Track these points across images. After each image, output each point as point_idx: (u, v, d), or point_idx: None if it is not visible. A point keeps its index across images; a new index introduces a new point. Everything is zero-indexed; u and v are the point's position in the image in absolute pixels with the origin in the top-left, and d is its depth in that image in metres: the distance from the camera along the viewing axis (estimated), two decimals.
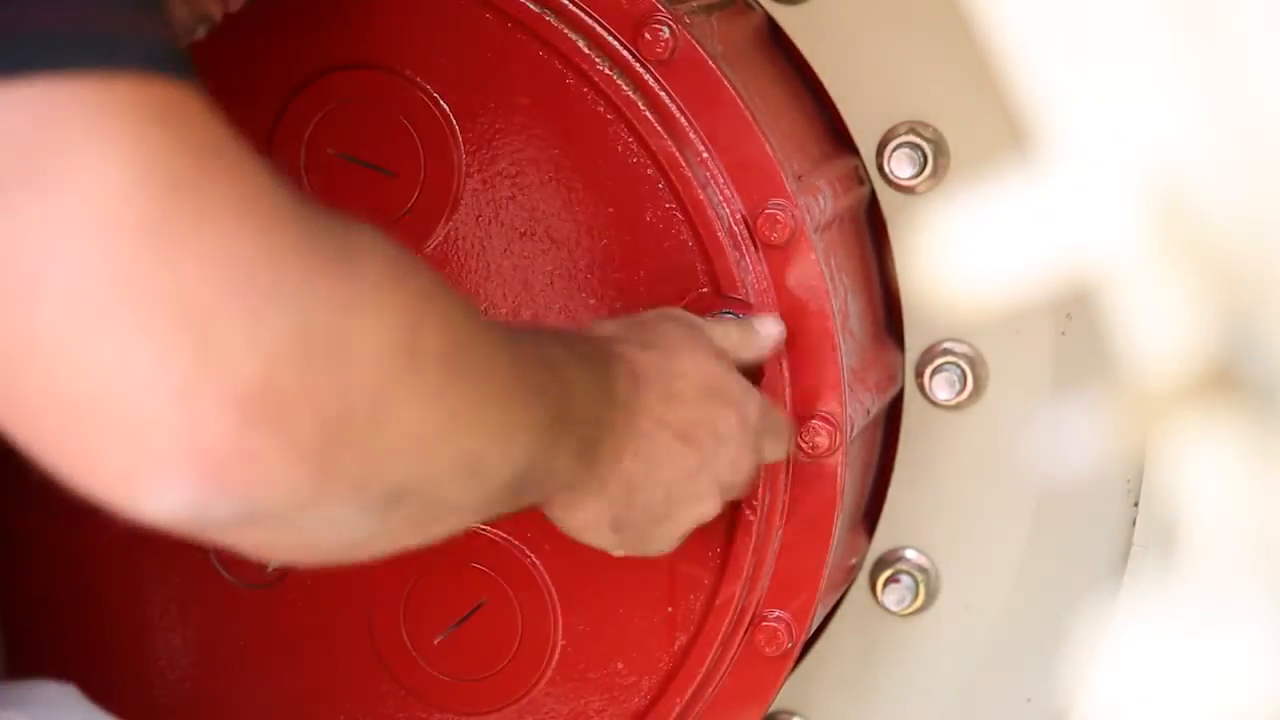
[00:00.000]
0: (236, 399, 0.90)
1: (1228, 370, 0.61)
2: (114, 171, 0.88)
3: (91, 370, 0.89)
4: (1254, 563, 0.63)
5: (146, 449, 0.90)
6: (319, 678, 1.47)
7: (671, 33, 1.35)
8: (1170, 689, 0.62)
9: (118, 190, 0.88)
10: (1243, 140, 0.61)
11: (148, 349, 0.89)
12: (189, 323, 0.89)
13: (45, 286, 0.88)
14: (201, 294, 0.89)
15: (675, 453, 1.26)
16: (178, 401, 0.89)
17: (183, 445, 0.90)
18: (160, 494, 0.91)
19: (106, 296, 0.89)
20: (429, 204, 1.41)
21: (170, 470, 0.90)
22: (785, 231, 1.36)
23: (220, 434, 0.90)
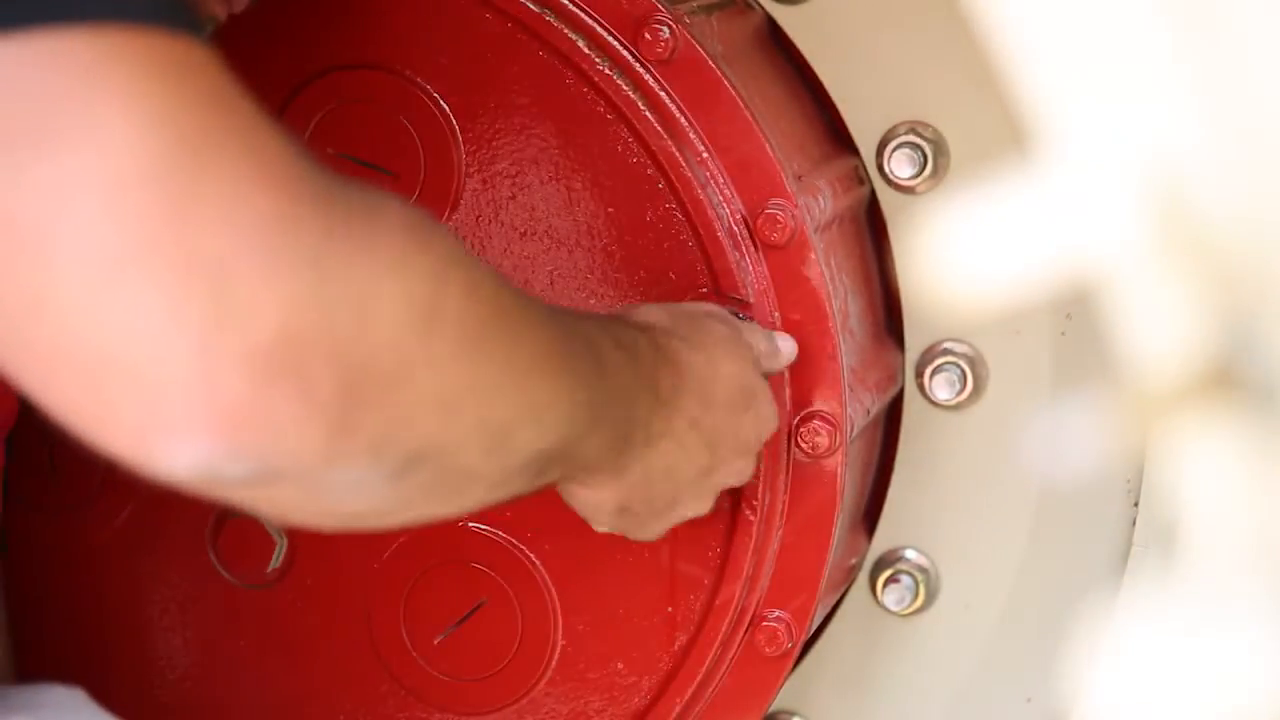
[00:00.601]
0: (252, 354, 0.89)
1: (1228, 370, 0.61)
2: (123, 125, 0.87)
3: (105, 326, 0.88)
4: (1254, 562, 0.63)
5: (162, 405, 0.89)
6: (319, 678, 1.47)
7: (671, 33, 1.35)
8: (1170, 689, 0.62)
9: (127, 144, 0.87)
10: (1243, 140, 0.61)
11: (162, 304, 0.88)
12: (203, 277, 0.88)
13: (56, 243, 0.87)
14: (215, 248, 0.88)
15: (696, 454, 1.26)
16: (193, 357, 0.88)
17: (198, 401, 0.89)
18: (176, 450, 0.90)
19: (118, 251, 0.87)
20: (429, 204, 1.41)
21: (186, 426, 0.89)
22: (785, 231, 1.36)
23: (236, 390, 0.89)
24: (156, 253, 0.88)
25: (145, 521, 1.47)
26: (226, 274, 0.88)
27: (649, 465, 1.24)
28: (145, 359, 0.88)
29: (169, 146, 0.88)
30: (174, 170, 0.88)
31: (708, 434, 1.25)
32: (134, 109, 0.87)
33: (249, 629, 1.47)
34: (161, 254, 0.88)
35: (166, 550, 1.46)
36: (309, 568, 1.45)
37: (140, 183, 0.87)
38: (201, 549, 1.46)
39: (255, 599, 1.47)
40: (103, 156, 0.87)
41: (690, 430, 1.24)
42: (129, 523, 1.47)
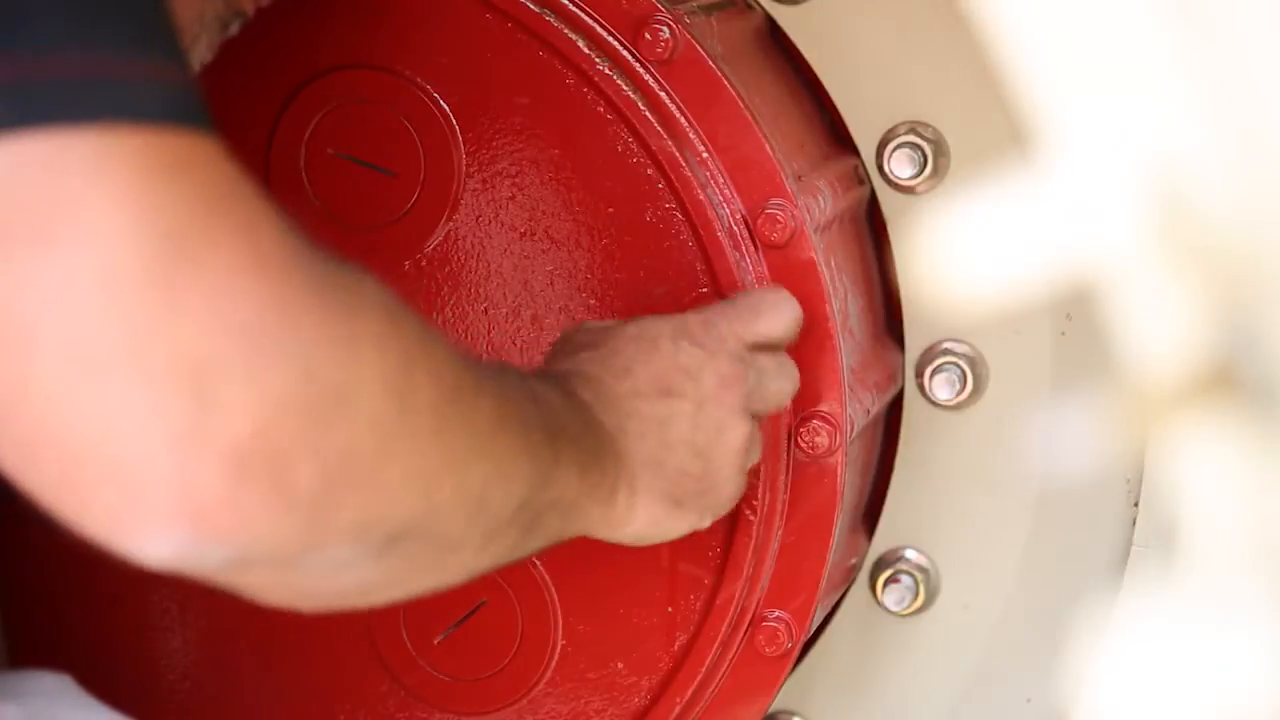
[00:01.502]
0: (229, 452, 0.91)
1: (1228, 370, 0.61)
2: (118, 224, 0.89)
3: (88, 417, 0.90)
4: (1254, 563, 0.63)
5: (139, 496, 0.91)
6: (319, 678, 1.47)
7: (671, 33, 1.35)
8: (1170, 689, 0.62)
9: (120, 243, 0.89)
10: (1243, 140, 0.61)
11: (144, 399, 0.90)
12: (187, 375, 0.90)
13: (45, 334, 0.90)
14: (201, 347, 0.90)
15: (665, 410, 1.25)
16: (172, 452, 0.90)
17: (175, 495, 0.91)
18: (151, 540, 0.93)
19: (105, 346, 0.90)
20: (429, 204, 1.41)
21: (161, 518, 0.92)
22: (785, 231, 1.36)
23: (213, 485, 0.91)
24: (141, 351, 0.90)
25: None
26: (209, 374, 0.90)
27: (641, 457, 1.23)
28: (123, 452, 0.91)
29: (162, 247, 0.90)
30: (164, 271, 0.90)
31: (651, 390, 1.24)
32: (131, 208, 0.89)
33: (249, 629, 1.47)
34: (146, 352, 0.90)
35: None
36: None
37: (130, 282, 0.89)
38: None
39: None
40: (96, 255, 0.89)
41: (636, 401, 1.24)
42: None
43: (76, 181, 0.89)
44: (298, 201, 1.42)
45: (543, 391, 1.17)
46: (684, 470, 1.25)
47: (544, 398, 1.16)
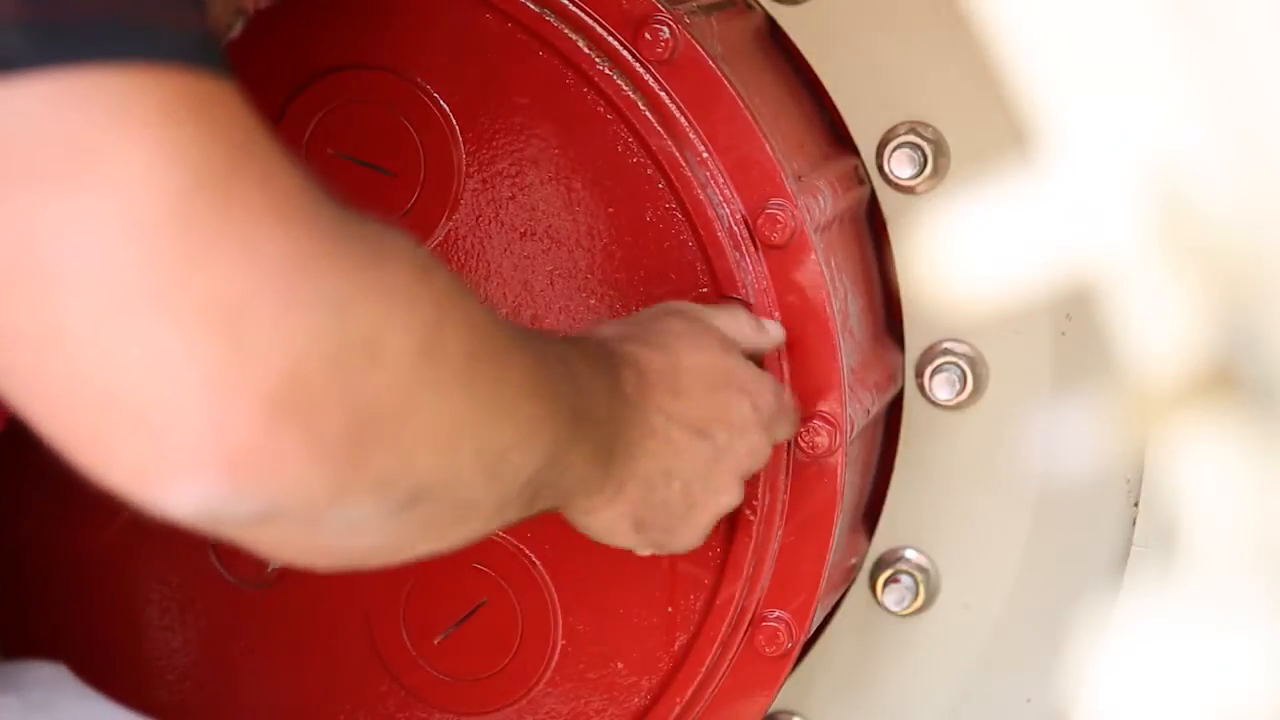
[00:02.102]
0: (264, 396, 0.89)
1: (1228, 370, 0.61)
2: (145, 166, 0.88)
3: (117, 363, 0.88)
4: (1254, 563, 0.63)
5: (168, 444, 0.89)
6: (319, 678, 1.47)
7: (671, 33, 1.35)
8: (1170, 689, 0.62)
9: (149, 185, 0.88)
10: (1243, 140, 0.61)
11: (174, 343, 0.88)
12: (218, 318, 0.88)
13: (73, 278, 0.88)
14: (231, 290, 0.89)
15: (689, 447, 1.26)
16: (204, 397, 0.89)
17: (205, 442, 0.89)
18: (180, 490, 0.91)
19: (134, 290, 0.88)
20: (429, 204, 1.41)
21: (192, 466, 0.90)
22: (785, 231, 1.36)
23: (244, 432, 0.89)
24: (172, 293, 0.88)
25: (145, 521, 1.46)
26: (241, 316, 0.89)
27: (643, 472, 1.24)
28: (154, 397, 0.89)
29: (189, 187, 0.88)
30: (193, 211, 0.88)
31: (692, 425, 1.25)
32: (156, 149, 0.88)
33: (249, 629, 1.47)
34: (177, 294, 0.88)
35: (166, 550, 1.46)
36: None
37: (159, 223, 0.88)
38: (201, 549, 1.46)
39: (255, 599, 1.47)
40: (124, 195, 0.88)
41: (671, 426, 1.25)
42: (129, 523, 1.47)
43: (102, 121, 0.88)
44: None
45: (583, 367, 1.16)
46: (665, 506, 1.27)
47: (580, 374, 1.15)
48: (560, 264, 1.40)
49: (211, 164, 0.89)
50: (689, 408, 1.25)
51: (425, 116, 1.40)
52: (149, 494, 0.91)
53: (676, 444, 1.25)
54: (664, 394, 1.24)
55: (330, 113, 1.41)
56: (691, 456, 1.26)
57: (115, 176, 0.88)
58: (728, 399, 1.28)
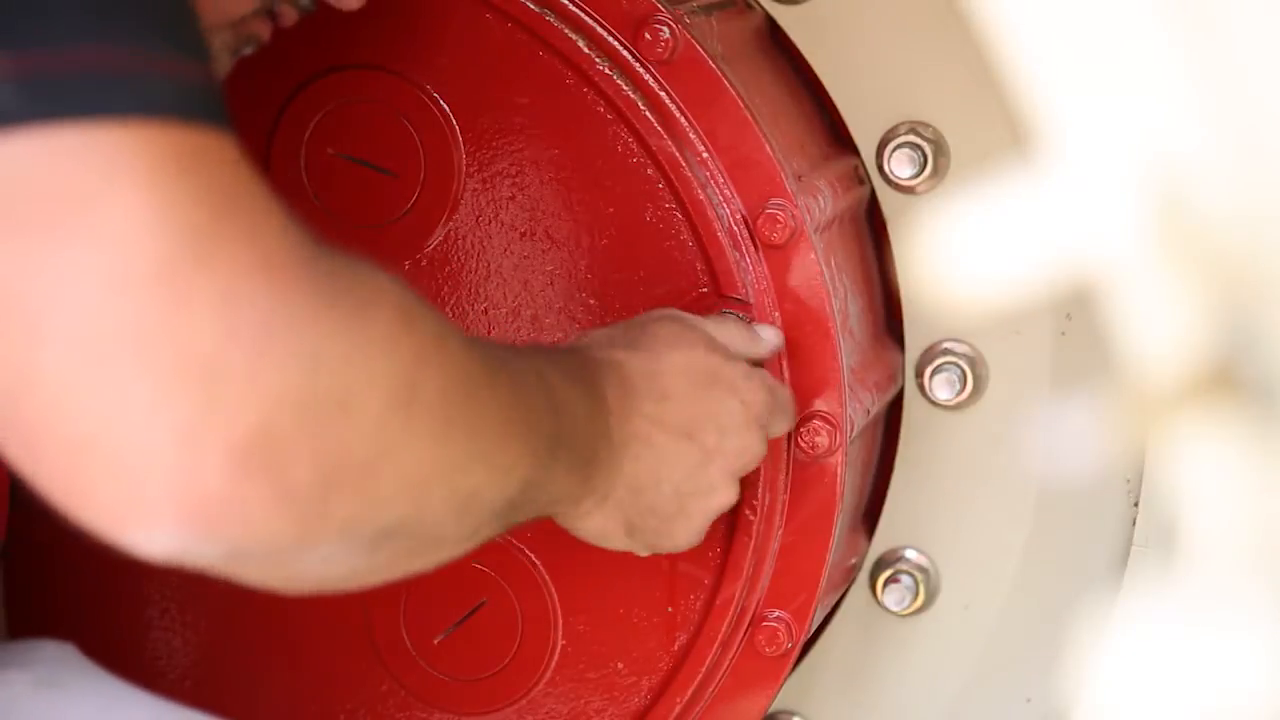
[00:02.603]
0: (232, 447, 0.92)
1: (1228, 370, 0.61)
2: (132, 222, 0.90)
3: (92, 410, 0.91)
4: (1254, 563, 0.63)
5: (139, 490, 0.92)
6: (319, 678, 1.47)
7: (671, 33, 1.35)
8: (1170, 689, 0.62)
9: (134, 241, 0.90)
10: (1242, 140, 0.61)
11: (148, 394, 0.91)
12: (193, 371, 0.91)
13: (55, 326, 0.90)
14: (207, 344, 0.91)
15: (677, 450, 1.26)
16: (174, 447, 0.91)
17: (175, 490, 0.92)
18: (149, 534, 0.93)
19: (112, 340, 0.90)
20: (429, 204, 1.41)
21: (161, 513, 0.92)
22: (785, 231, 1.36)
23: (213, 481, 0.92)
24: (148, 346, 0.90)
25: None
26: (215, 370, 0.91)
27: (629, 477, 1.25)
28: (126, 446, 0.91)
29: (173, 243, 0.90)
30: (174, 267, 0.90)
31: (678, 427, 1.26)
32: (144, 206, 0.90)
33: (249, 629, 1.47)
34: (153, 348, 0.90)
35: None
36: None
37: (142, 278, 0.90)
38: None
39: (255, 599, 1.46)
40: (108, 249, 0.90)
41: (656, 430, 1.25)
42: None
43: (92, 175, 0.90)
44: (298, 201, 1.42)
45: (563, 385, 1.17)
46: (654, 509, 1.27)
47: (559, 394, 1.16)
48: (560, 264, 1.40)
49: (197, 220, 0.91)
50: (673, 410, 1.26)
51: (425, 117, 1.40)
52: (120, 536, 0.94)
53: (661, 448, 1.26)
54: (647, 399, 1.25)
55: (330, 113, 1.41)
56: (678, 459, 1.26)
57: (102, 231, 0.90)
58: (715, 398, 1.28)
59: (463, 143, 1.40)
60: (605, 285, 1.39)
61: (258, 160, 1.41)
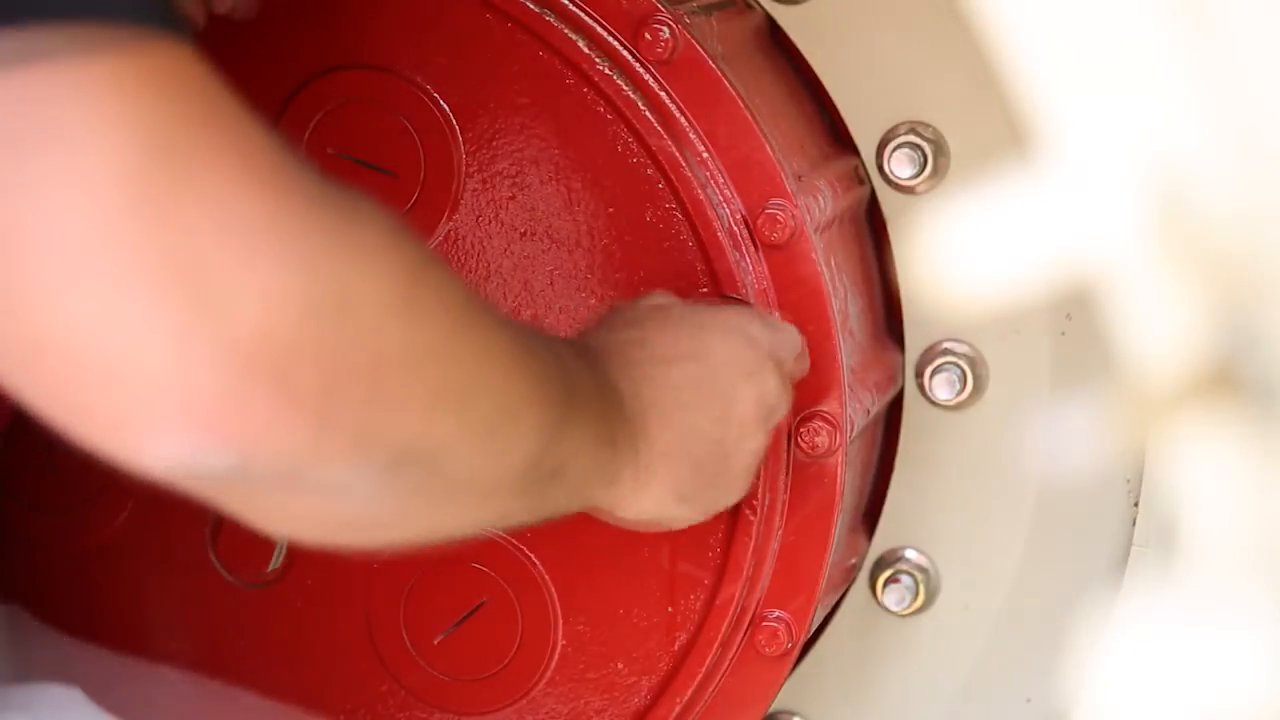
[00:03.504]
0: (232, 349, 0.89)
1: (1228, 370, 0.61)
2: (102, 124, 0.87)
3: (84, 322, 0.88)
4: (1254, 563, 0.63)
5: (139, 399, 0.89)
6: (319, 678, 1.47)
7: (671, 33, 1.35)
8: (1170, 689, 0.62)
9: (106, 143, 0.87)
10: (1242, 140, 0.61)
11: (140, 300, 0.88)
12: (183, 273, 0.88)
13: (33, 240, 0.87)
14: (196, 245, 0.88)
15: (696, 402, 1.24)
16: (171, 352, 0.88)
17: (176, 396, 0.89)
18: (154, 444, 0.90)
19: (96, 251, 0.87)
20: (429, 204, 1.41)
21: (164, 420, 0.89)
22: (785, 231, 1.36)
23: (215, 384, 0.89)
24: (134, 250, 0.88)
25: (145, 521, 1.47)
26: (206, 271, 0.88)
27: (662, 445, 1.23)
28: (121, 354, 0.89)
29: (149, 146, 0.88)
30: (154, 169, 0.88)
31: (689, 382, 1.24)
32: (114, 108, 0.87)
33: (249, 629, 1.47)
34: (139, 252, 0.88)
35: (166, 550, 1.46)
36: (309, 568, 1.45)
37: (119, 182, 0.87)
38: (201, 549, 1.46)
39: (255, 599, 1.47)
40: (81, 156, 0.87)
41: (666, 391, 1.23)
42: (129, 523, 1.47)
43: (57, 82, 0.87)
44: None
45: (568, 355, 1.16)
46: (699, 467, 1.25)
47: (567, 361, 1.15)
48: (560, 264, 1.40)
49: (172, 123, 0.88)
50: (679, 368, 1.24)
51: (425, 116, 1.40)
52: (123, 450, 0.91)
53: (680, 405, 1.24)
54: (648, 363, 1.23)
55: (330, 113, 1.41)
56: (701, 410, 1.25)
57: (72, 139, 0.87)
58: (713, 342, 1.26)
59: (463, 143, 1.40)
60: (605, 285, 1.39)
61: None
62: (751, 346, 1.28)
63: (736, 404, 1.26)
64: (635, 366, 1.23)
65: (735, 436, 1.27)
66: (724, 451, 1.27)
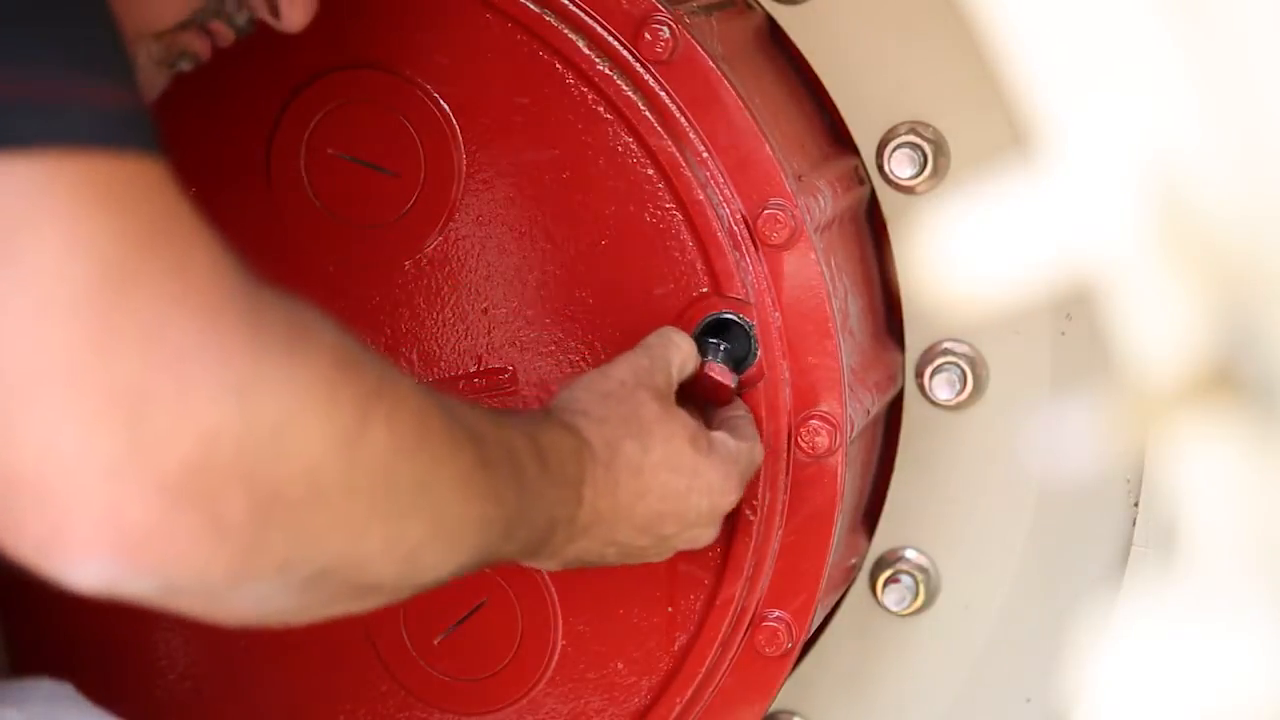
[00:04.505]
0: (162, 482, 0.91)
1: (1228, 370, 0.61)
2: (55, 255, 0.89)
3: (21, 444, 0.91)
4: (1254, 562, 0.63)
5: (69, 524, 0.92)
6: (319, 678, 1.47)
7: (671, 33, 1.35)
8: (1170, 689, 0.62)
9: (56, 271, 0.89)
10: (1242, 140, 0.61)
11: (75, 428, 0.90)
12: (119, 402, 0.90)
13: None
14: (133, 377, 0.90)
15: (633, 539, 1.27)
16: (102, 481, 0.91)
17: (105, 523, 0.92)
18: (79, 567, 0.93)
19: (38, 374, 0.90)
20: (429, 204, 1.41)
21: (89, 546, 0.92)
22: (785, 231, 1.36)
23: (142, 515, 0.92)
24: (74, 378, 0.90)
25: None
26: (140, 403, 0.91)
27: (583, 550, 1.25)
28: (56, 478, 0.91)
29: (96, 275, 0.90)
30: (98, 299, 0.90)
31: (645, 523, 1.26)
32: (66, 236, 0.90)
33: (249, 629, 1.47)
34: (79, 380, 0.90)
35: None
36: None
37: (65, 309, 0.90)
38: None
39: None
40: (31, 281, 0.89)
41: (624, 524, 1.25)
42: None
43: (15, 206, 0.89)
44: (298, 201, 1.42)
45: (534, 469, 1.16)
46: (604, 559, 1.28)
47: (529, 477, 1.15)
48: (560, 264, 1.40)
49: (121, 252, 0.91)
50: (644, 508, 1.26)
51: (425, 117, 1.40)
52: (51, 569, 0.94)
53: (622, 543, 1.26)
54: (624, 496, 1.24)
55: (330, 113, 1.41)
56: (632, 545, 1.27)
57: (27, 264, 0.89)
58: (688, 501, 1.28)
59: (463, 143, 1.40)
60: (605, 285, 1.39)
61: (258, 160, 1.41)
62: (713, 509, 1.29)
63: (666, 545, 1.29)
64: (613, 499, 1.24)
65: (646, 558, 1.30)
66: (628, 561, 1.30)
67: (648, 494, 1.25)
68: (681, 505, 1.27)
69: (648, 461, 1.25)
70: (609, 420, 1.25)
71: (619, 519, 1.25)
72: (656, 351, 1.30)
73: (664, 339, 1.32)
